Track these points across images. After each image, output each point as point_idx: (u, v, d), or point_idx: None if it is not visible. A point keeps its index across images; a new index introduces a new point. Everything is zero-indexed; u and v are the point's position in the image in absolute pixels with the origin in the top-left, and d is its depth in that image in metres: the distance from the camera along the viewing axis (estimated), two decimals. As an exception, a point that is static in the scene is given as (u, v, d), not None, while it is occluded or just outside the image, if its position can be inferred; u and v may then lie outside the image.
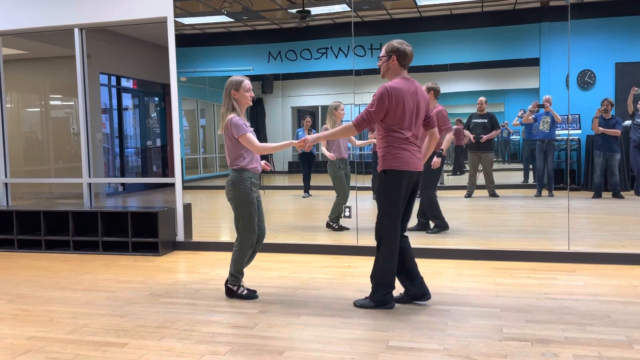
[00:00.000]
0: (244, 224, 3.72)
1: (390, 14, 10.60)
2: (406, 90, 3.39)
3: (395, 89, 3.37)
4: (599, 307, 3.44)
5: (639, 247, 4.95)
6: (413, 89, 3.43)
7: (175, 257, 5.28)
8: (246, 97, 3.73)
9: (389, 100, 3.35)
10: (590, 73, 9.93)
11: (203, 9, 10.18)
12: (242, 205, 3.69)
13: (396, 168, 3.40)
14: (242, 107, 3.75)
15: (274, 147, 3.72)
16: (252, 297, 3.82)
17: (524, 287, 3.95)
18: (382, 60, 3.52)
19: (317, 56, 11.55)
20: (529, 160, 9.56)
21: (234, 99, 3.70)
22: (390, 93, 3.36)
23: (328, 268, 4.66)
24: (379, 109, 3.38)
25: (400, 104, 3.36)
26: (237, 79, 3.73)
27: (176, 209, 5.63)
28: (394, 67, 3.46)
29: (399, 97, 3.36)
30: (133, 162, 11.75)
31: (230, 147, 3.73)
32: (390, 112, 3.38)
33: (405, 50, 3.43)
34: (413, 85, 3.45)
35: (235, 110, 3.69)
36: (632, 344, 2.83)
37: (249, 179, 3.69)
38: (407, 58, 3.45)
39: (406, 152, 3.41)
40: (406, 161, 3.40)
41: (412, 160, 3.43)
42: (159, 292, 4.03)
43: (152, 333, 3.17)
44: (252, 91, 3.74)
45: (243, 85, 3.70)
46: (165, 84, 5.14)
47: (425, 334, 3.05)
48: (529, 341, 2.91)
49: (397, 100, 3.36)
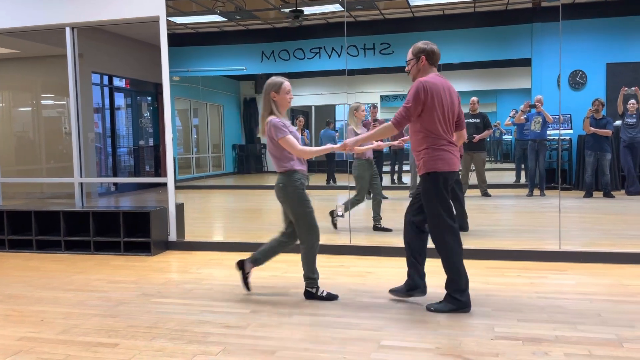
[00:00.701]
0: (304, 223, 3.68)
1: (383, 14, 10.62)
2: (440, 85, 3.37)
3: (431, 83, 3.34)
4: (589, 306, 3.46)
5: (629, 246, 4.99)
6: (447, 86, 3.43)
7: (168, 257, 5.27)
8: (286, 99, 3.69)
9: (425, 94, 3.32)
10: (582, 73, 9.99)
11: (196, 8, 10.16)
12: (300, 206, 3.65)
13: (440, 169, 3.38)
14: (281, 109, 3.71)
15: (315, 151, 3.68)
16: (332, 298, 3.74)
17: (515, 286, 3.97)
18: (410, 63, 3.50)
19: (310, 56, 11.56)
20: (521, 160, 9.62)
21: (274, 101, 3.67)
22: (426, 87, 3.33)
23: (321, 268, 4.64)
24: (416, 103, 3.33)
25: (436, 99, 3.33)
26: (277, 80, 3.67)
27: (168, 209, 5.61)
28: (424, 67, 3.45)
29: (434, 91, 3.33)
30: (125, 161, 11.71)
31: (273, 150, 3.69)
32: (427, 108, 3.34)
33: (432, 49, 3.44)
34: (447, 82, 3.44)
35: (273, 113, 3.67)
36: (622, 343, 2.85)
37: (298, 180, 3.65)
38: (435, 55, 3.46)
39: (447, 152, 3.39)
40: (448, 162, 3.39)
41: (452, 160, 3.42)
42: (150, 292, 4.02)
43: (143, 333, 3.16)
44: (249, 90, 3.75)
45: (283, 87, 3.67)
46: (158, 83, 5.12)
47: (417, 333, 3.06)
48: (520, 340, 2.93)
49: (432, 95, 3.32)
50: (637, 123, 8.57)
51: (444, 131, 3.39)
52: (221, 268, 4.74)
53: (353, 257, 5.00)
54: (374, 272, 4.46)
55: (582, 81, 9.98)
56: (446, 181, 3.41)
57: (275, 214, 8.43)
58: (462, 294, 3.40)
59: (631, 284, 3.95)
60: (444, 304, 3.43)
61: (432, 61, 3.45)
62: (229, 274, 4.51)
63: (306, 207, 3.68)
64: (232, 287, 4.11)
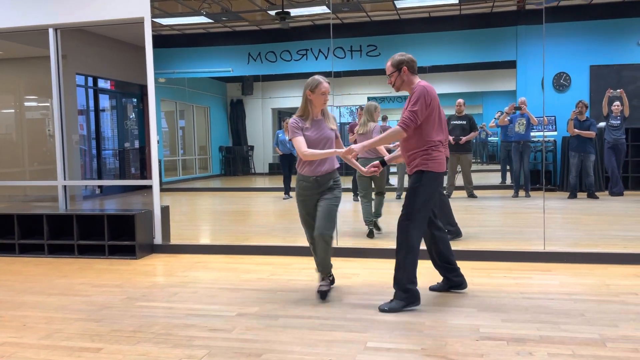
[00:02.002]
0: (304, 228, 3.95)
1: (369, 16, 10.65)
2: (433, 89, 3.53)
3: (429, 87, 3.49)
4: (573, 306, 3.49)
5: (612, 246, 5.05)
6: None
7: (153, 260, 5.22)
8: (320, 99, 3.75)
9: (429, 98, 3.46)
10: (566, 75, 10.11)
11: (182, 9, 10.10)
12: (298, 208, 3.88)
13: (436, 170, 3.51)
14: (314, 109, 3.78)
15: (318, 154, 3.69)
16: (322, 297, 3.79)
17: (500, 286, 3.99)
18: (393, 76, 3.59)
19: (297, 58, 11.56)
20: (506, 161, 9.70)
21: (309, 100, 3.75)
22: (428, 91, 3.46)
23: (307, 270, 4.66)
24: (422, 107, 3.43)
25: (434, 103, 3.48)
26: (316, 80, 3.73)
27: (154, 212, 5.57)
28: (407, 76, 3.57)
29: (433, 95, 3.47)
30: (110, 164, 11.60)
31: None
32: (429, 112, 3.46)
33: (410, 58, 3.58)
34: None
35: (306, 111, 3.75)
36: (605, 342, 2.88)
37: (299, 182, 3.80)
38: (414, 64, 3.58)
39: (441, 153, 3.54)
40: (441, 163, 3.54)
41: (444, 161, 3.58)
42: (135, 296, 3.98)
43: (127, 337, 3.12)
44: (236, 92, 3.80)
45: (319, 87, 3.72)
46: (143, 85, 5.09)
47: (402, 335, 3.06)
48: (505, 340, 2.94)
49: (432, 99, 3.46)
50: (621, 125, 8.68)
51: (438, 133, 3.53)
52: (207, 271, 4.71)
53: (339, 259, 4.99)
54: (360, 274, 4.46)
55: (566, 83, 10.10)
56: (439, 182, 3.56)
57: (261, 216, 8.42)
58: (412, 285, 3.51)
59: (614, 283, 3.99)
60: (395, 302, 3.50)
61: (413, 69, 3.58)
62: (215, 277, 4.48)
63: (300, 210, 3.87)
64: (218, 290, 4.09)
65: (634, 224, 6.39)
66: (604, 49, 9.92)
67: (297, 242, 5.78)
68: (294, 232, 6.64)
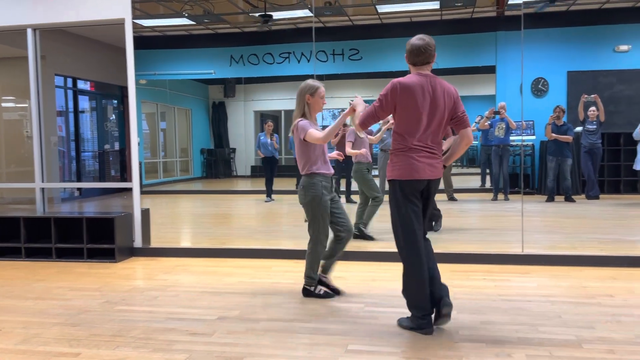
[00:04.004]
0: (316, 227, 3.76)
1: (352, 20, 10.71)
2: (418, 86, 3.05)
3: (404, 84, 3.06)
4: (550, 308, 3.55)
5: (589, 249, 5.15)
6: (429, 86, 3.08)
7: (133, 264, 5.17)
8: (319, 104, 3.76)
9: (393, 95, 3.07)
10: (544, 81, 10.28)
11: (163, 11, 10.04)
12: (315, 209, 3.72)
13: (397, 177, 3.13)
14: (313, 113, 3.78)
15: (333, 127, 3.56)
16: (329, 296, 3.84)
17: (479, 289, 4.04)
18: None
19: (280, 60, 11.56)
20: (486, 165, 9.82)
21: (307, 104, 3.74)
22: (396, 88, 3.06)
23: (289, 273, 4.66)
24: (383, 104, 3.11)
25: (409, 102, 3.05)
26: (313, 84, 3.73)
27: (134, 214, 5.51)
28: (410, 67, 3.18)
29: (407, 93, 3.05)
30: (90, 166, 11.45)
31: (299, 151, 3.74)
32: (399, 110, 3.09)
33: (410, 47, 3.12)
34: (430, 82, 3.09)
35: (305, 115, 3.74)
36: (582, 344, 2.93)
37: (319, 183, 3.71)
38: (413, 53, 3.11)
39: (409, 158, 3.10)
40: (408, 170, 3.09)
41: (414, 167, 3.09)
42: (114, 300, 3.94)
43: (106, 342, 3.09)
44: (218, 94, 3.77)
45: (318, 92, 3.73)
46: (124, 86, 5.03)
47: (383, 337, 3.08)
48: (484, 342, 2.98)
49: (403, 97, 3.05)
50: (597, 129, 8.86)
51: (414, 136, 3.10)
52: (188, 274, 4.68)
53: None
54: (343, 277, 4.47)
55: (544, 88, 10.27)
56: (403, 190, 3.13)
57: (243, 219, 8.38)
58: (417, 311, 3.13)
59: (590, 285, 4.07)
60: (407, 319, 3.26)
61: (411, 61, 3.15)
62: (196, 280, 4.46)
63: (322, 213, 3.74)
64: (199, 293, 4.06)
65: (610, 227, 6.52)
66: (581, 55, 10.12)
67: (279, 245, 5.78)
68: (276, 235, 6.64)
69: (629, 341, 2.95)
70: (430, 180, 3.17)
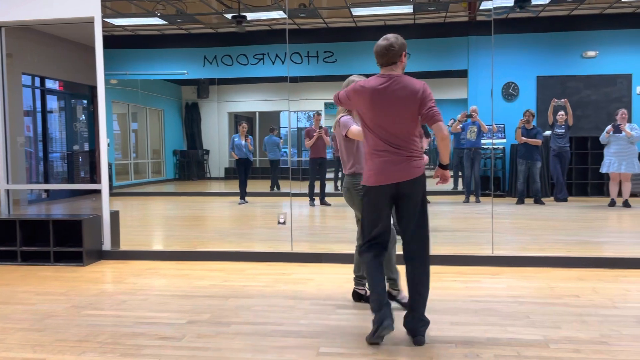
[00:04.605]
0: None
1: (326, 23, 10.73)
2: (373, 87, 3.01)
3: (359, 87, 3.06)
4: (519, 309, 3.61)
5: (556, 250, 5.26)
6: (390, 87, 3.00)
7: (101, 267, 5.07)
8: None
9: (349, 97, 3.14)
10: (514, 85, 10.47)
11: (135, 10, 9.89)
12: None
13: (363, 183, 3.14)
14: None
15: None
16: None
17: (450, 290, 4.08)
18: None
19: (254, 62, 11.51)
20: (459, 168, 9.94)
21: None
22: (351, 90, 3.12)
23: (262, 275, 4.63)
24: (343, 98, 3.21)
25: (361, 105, 3.05)
26: (354, 80, 3.53)
27: (102, 217, 5.40)
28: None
29: (359, 96, 3.05)
30: (58, 167, 11.19)
31: (345, 149, 3.64)
32: (360, 112, 3.11)
33: (375, 46, 3.08)
34: (392, 82, 3.01)
35: (350, 112, 3.65)
36: (548, 343, 2.99)
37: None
38: (377, 54, 3.07)
39: (371, 163, 3.07)
40: (371, 175, 3.06)
41: (379, 170, 3.03)
42: (81, 304, 3.85)
43: (72, 347, 3.02)
44: (191, 95, 3.68)
45: None
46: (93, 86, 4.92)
47: (355, 340, 3.08)
48: (454, 343, 3.01)
49: (358, 99, 3.06)
50: (565, 133, 9.06)
51: (374, 139, 3.05)
52: (158, 278, 4.61)
53: (294, 264, 4.98)
54: (315, 279, 4.47)
55: (515, 93, 10.46)
56: (367, 195, 3.11)
57: (215, 221, 8.31)
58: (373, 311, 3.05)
59: (558, 286, 4.15)
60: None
61: (376, 62, 3.10)
62: (166, 284, 4.39)
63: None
64: (169, 297, 4.00)
65: (577, 229, 6.67)
66: (550, 60, 10.34)
67: (252, 247, 5.74)
68: (249, 237, 6.59)
69: (594, 340, 3.02)
70: (400, 183, 3.02)
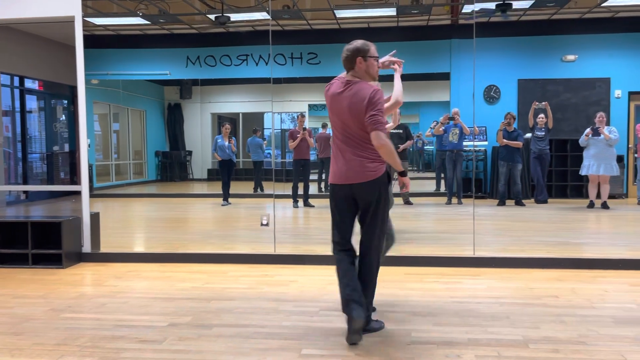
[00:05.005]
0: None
1: (310, 24, 10.73)
2: (332, 92, 3.20)
3: (326, 87, 3.28)
4: (499, 309, 3.64)
5: (536, 251, 5.32)
6: (341, 91, 3.15)
7: (81, 270, 5.00)
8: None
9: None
10: (496, 88, 10.59)
11: (117, 9, 9.79)
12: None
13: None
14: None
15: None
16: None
17: (432, 291, 4.11)
18: None
19: (237, 63, 11.46)
20: (441, 170, 10.02)
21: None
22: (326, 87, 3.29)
23: (244, 277, 4.61)
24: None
25: (328, 104, 3.25)
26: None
27: (82, 219, 5.33)
28: None
29: (326, 98, 3.26)
30: (38, 168, 11.02)
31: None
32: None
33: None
34: (345, 87, 3.16)
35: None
36: (528, 344, 3.02)
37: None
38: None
39: (333, 162, 3.22)
40: (331, 174, 3.24)
41: (335, 172, 3.19)
42: (60, 307, 3.79)
43: (50, 351, 2.97)
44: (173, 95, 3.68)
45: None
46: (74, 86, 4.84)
47: (337, 341, 3.08)
48: (435, 344, 3.03)
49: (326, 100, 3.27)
50: (545, 136, 9.18)
51: (338, 137, 3.19)
52: (139, 280, 4.56)
53: (277, 266, 4.97)
54: (298, 281, 4.46)
55: (496, 95, 10.57)
56: (332, 193, 3.23)
57: (198, 223, 8.25)
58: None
59: (537, 287, 4.20)
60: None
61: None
62: (147, 286, 4.35)
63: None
64: (150, 299, 3.96)
65: (557, 230, 6.76)
66: (530, 64, 10.47)
67: (235, 249, 5.71)
68: (232, 239, 6.56)
69: (572, 340, 3.06)
70: (353, 185, 3.10)
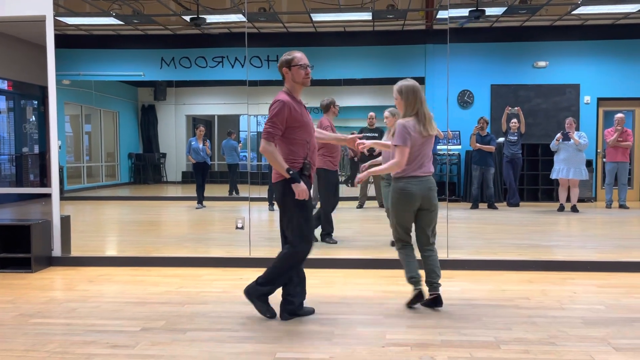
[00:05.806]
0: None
1: (286, 27, 10.73)
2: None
3: None
4: (472, 311, 3.69)
5: (508, 254, 5.42)
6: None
7: (51, 274, 4.89)
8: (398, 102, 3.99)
9: None
10: (469, 93, 10.75)
11: (89, 9, 9.63)
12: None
13: None
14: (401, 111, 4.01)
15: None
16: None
17: (407, 294, 4.12)
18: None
19: (213, 64, 11.38)
20: (416, 173, 10.08)
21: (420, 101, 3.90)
22: None
23: (218, 281, 4.57)
24: None
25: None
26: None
27: (52, 222, 5.22)
28: None
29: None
30: (6, 170, 10.75)
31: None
32: None
33: None
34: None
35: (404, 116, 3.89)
36: (500, 345, 3.07)
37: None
38: None
39: None
40: None
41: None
42: (29, 312, 3.70)
43: (19, 357, 2.90)
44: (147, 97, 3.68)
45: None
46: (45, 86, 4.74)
47: (311, 344, 3.08)
48: (409, 346, 3.05)
49: None
50: (518, 140, 9.36)
51: None
52: (111, 284, 4.49)
53: (252, 270, 4.93)
54: (272, 284, 4.43)
55: (470, 100, 10.74)
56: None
57: (172, 226, 8.15)
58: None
59: (509, 289, 4.27)
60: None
61: None
62: (120, 290, 4.28)
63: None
64: (122, 304, 3.90)
65: (528, 233, 6.89)
66: (503, 69, 10.67)
67: (209, 252, 5.66)
68: (206, 242, 6.50)
69: (542, 341, 3.12)
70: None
